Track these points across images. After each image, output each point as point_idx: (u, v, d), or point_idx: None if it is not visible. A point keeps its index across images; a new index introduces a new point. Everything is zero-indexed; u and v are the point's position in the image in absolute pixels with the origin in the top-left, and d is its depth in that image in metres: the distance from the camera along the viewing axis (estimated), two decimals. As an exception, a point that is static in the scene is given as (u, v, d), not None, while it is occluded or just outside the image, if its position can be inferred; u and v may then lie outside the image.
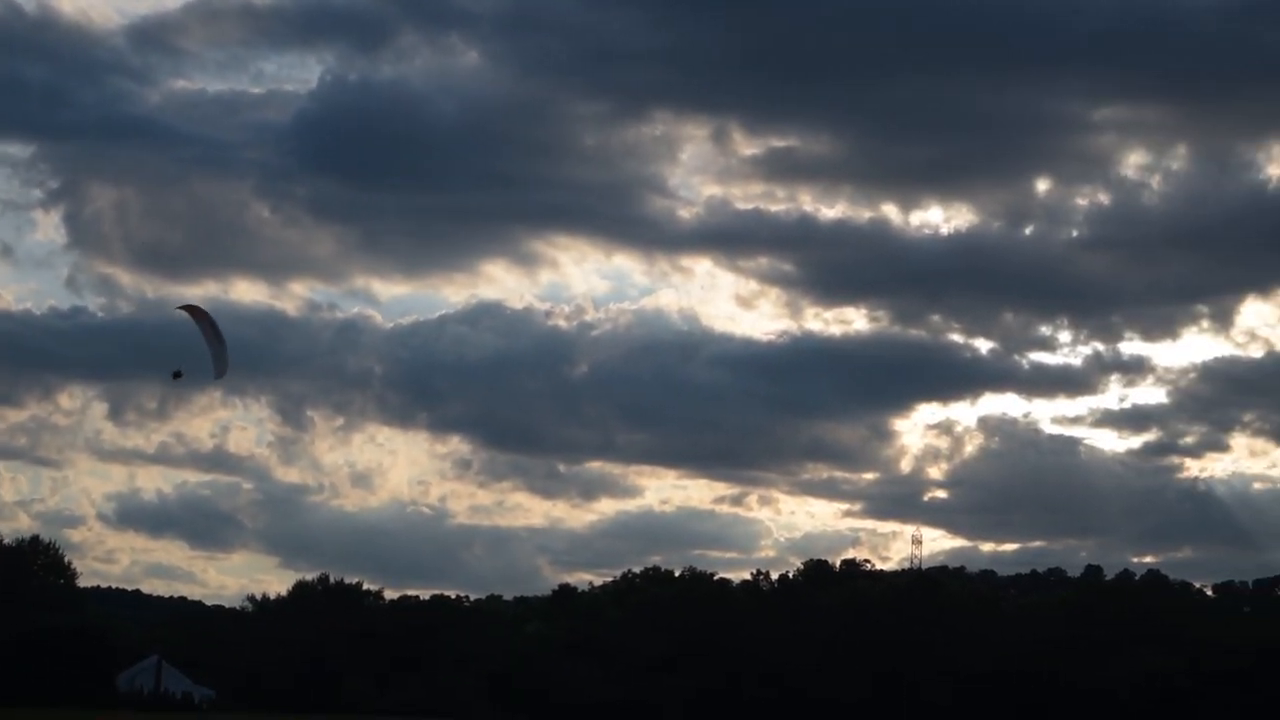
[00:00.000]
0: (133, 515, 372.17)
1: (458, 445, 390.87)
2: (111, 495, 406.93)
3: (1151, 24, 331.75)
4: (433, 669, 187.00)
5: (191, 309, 77.83)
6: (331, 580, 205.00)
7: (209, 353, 75.64)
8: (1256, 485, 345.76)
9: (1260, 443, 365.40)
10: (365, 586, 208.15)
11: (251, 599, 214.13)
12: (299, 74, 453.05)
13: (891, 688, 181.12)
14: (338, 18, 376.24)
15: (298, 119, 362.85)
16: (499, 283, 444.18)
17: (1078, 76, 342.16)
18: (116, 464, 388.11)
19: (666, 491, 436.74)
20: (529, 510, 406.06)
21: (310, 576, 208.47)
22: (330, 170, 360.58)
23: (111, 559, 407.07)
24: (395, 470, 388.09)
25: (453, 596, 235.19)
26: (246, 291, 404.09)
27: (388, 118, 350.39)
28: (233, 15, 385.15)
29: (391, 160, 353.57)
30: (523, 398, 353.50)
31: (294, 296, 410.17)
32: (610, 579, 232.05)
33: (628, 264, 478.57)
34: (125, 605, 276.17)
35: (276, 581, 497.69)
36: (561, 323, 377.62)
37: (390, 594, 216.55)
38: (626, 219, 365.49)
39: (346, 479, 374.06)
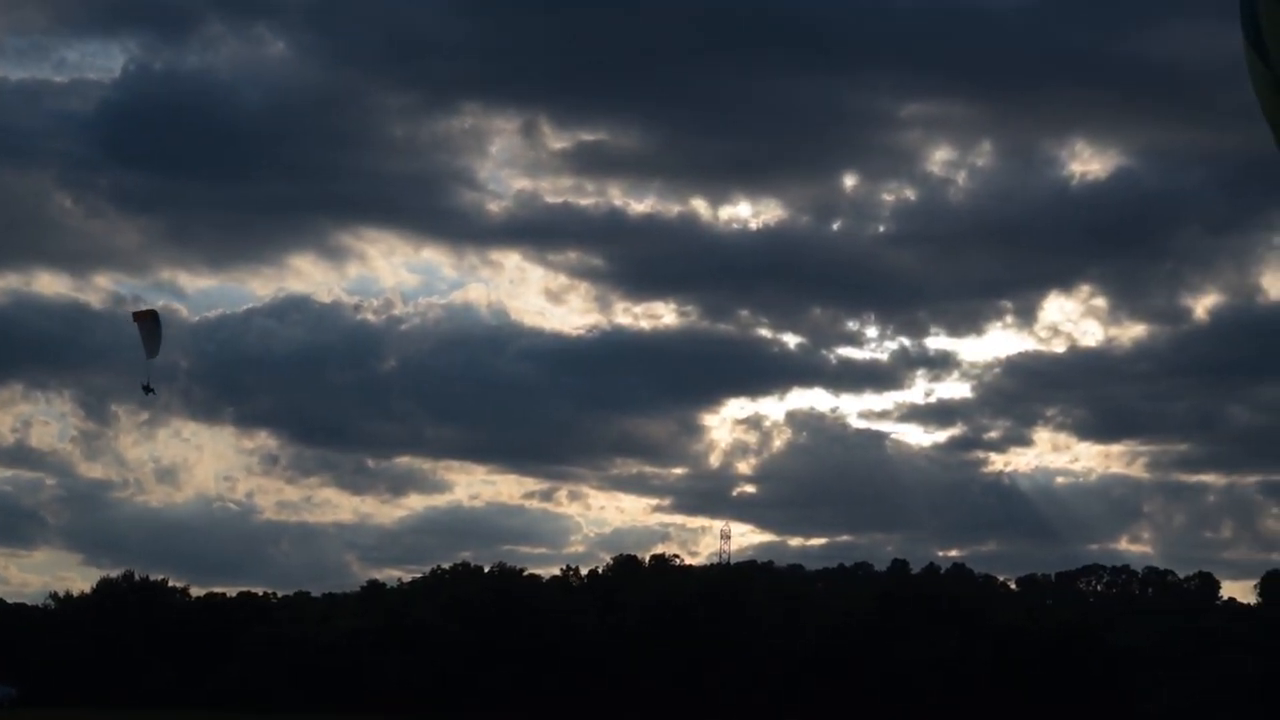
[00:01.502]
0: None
1: (265, 440, 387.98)
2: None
3: (957, 21, 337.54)
4: (240, 663, 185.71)
5: (140, 315, 78.74)
6: (136, 577, 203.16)
7: (141, 337, 76.49)
8: (1059, 479, 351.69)
9: (1063, 437, 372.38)
10: (171, 583, 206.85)
11: (54, 596, 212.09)
12: (103, 62, 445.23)
13: (701, 681, 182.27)
14: (142, 5, 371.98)
15: (101, 108, 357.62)
16: (307, 276, 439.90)
17: (885, 73, 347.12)
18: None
19: (476, 487, 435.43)
20: (337, 506, 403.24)
21: (115, 574, 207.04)
22: (135, 161, 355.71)
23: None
24: (201, 466, 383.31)
25: (260, 593, 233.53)
26: (49, 284, 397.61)
27: (193, 108, 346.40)
28: (34, 2, 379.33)
29: (197, 151, 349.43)
30: (331, 392, 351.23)
31: (98, 289, 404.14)
32: (419, 574, 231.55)
33: (437, 258, 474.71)
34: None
35: (80, 579, 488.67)
36: (370, 316, 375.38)
37: (197, 591, 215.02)
38: (435, 212, 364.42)
39: (151, 475, 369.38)
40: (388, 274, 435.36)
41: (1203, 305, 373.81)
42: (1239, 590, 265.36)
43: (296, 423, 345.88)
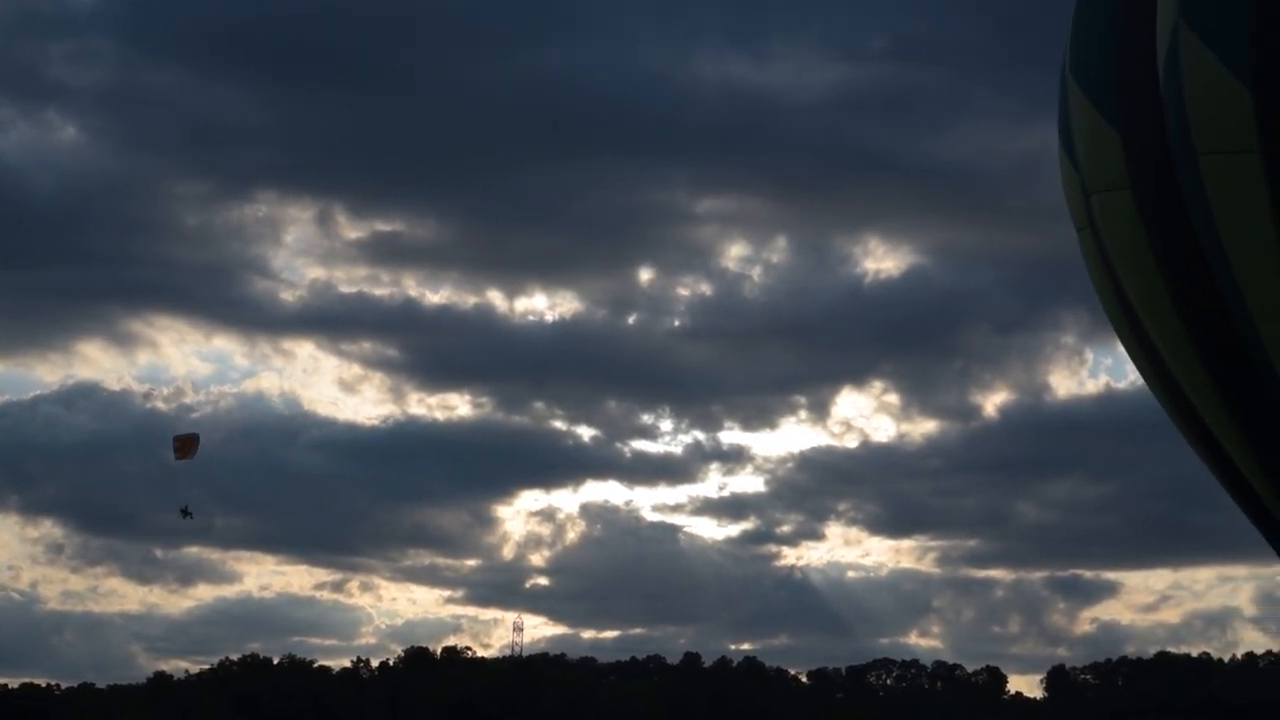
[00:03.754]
0: None
1: (50, 529, 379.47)
2: None
3: (753, 118, 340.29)
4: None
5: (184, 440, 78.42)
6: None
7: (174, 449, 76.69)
8: (850, 573, 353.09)
9: (854, 531, 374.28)
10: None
11: None
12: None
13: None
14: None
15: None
16: (95, 363, 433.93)
17: (681, 168, 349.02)
18: None
19: (266, 577, 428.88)
20: (124, 596, 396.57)
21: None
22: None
23: None
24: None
25: (43, 685, 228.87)
26: None
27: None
28: None
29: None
30: (119, 481, 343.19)
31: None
32: (208, 666, 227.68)
33: (229, 346, 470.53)
34: None
35: None
36: (160, 405, 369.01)
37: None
38: (228, 300, 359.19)
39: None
40: (178, 362, 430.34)
41: (992, 403, 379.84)
42: (1025, 684, 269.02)
43: (83, 511, 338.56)
